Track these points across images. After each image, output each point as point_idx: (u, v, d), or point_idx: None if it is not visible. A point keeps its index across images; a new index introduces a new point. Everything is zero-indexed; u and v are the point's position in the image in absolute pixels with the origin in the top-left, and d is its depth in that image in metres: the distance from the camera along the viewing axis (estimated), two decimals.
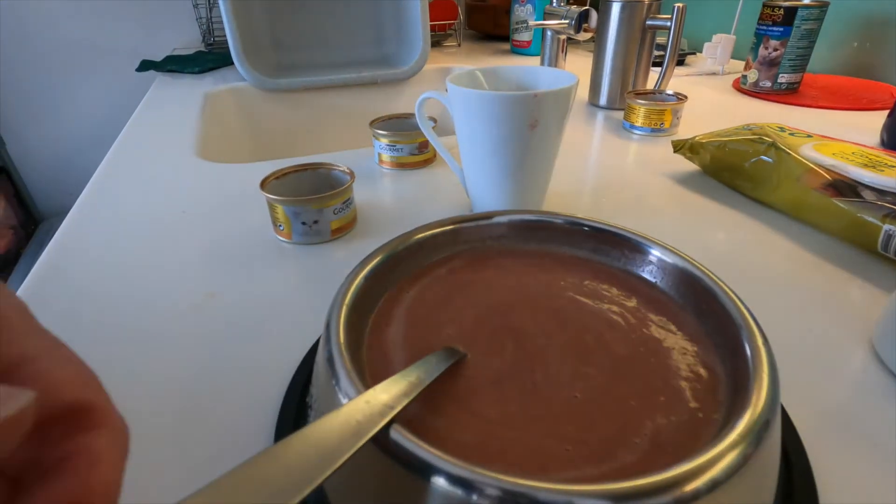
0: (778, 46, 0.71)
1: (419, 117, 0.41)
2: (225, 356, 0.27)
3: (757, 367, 0.18)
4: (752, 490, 0.16)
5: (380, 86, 0.83)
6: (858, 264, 0.34)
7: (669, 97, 0.60)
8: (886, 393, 0.24)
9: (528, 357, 0.21)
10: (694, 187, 0.46)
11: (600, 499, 0.13)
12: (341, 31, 0.82)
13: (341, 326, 0.20)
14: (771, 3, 0.70)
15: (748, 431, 0.15)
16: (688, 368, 0.20)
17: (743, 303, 0.21)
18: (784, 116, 0.65)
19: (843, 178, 0.37)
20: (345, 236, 0.39)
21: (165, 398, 0.25)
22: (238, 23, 0.70)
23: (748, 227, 0.40)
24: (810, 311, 0.30)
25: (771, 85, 0.73)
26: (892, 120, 0.53)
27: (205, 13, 1.00)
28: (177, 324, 0.30)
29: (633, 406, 0.18)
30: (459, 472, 0.14)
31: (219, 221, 0.41)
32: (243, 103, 0.80)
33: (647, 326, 0.22)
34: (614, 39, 0.66)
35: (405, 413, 0.16)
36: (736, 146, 0.44)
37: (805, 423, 0.23)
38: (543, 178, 0.40)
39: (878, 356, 0.26)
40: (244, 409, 0.24)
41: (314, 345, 0.28)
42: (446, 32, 1.11)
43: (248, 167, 0.51)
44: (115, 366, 0.27)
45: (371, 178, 0.49)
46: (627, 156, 0.55)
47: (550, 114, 0.35)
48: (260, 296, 0.32)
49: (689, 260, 0.24)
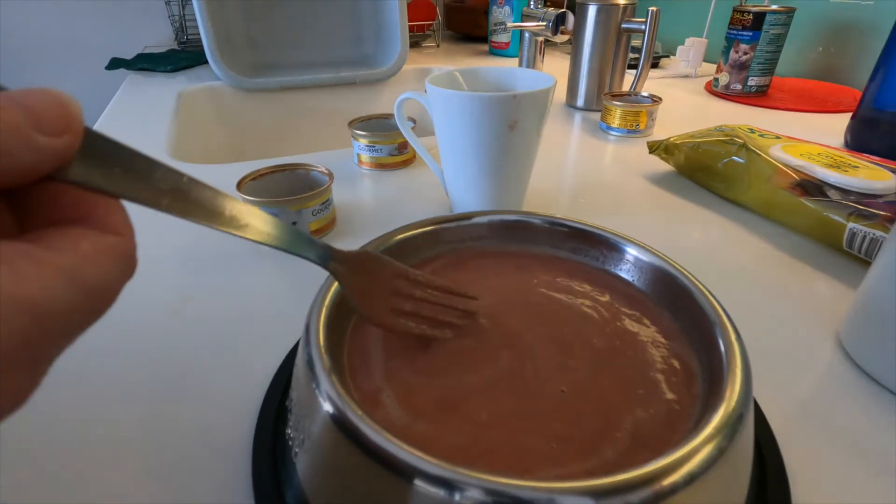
0: (748, 50, 0.73)
1: (398, 118, 0.41)
2: (202, 361, 0.27)
3: (730, 362, 0.18)
4: (728, 481, 0.16)
5: (358, 86, 0.83)
6: (825, 261, 0.35)
7: (644, 99, 0.61)
8: (853, 385, 0.25)
9: (519, 356, 0.21)
10: (669, 187, 0.47)
11: (582, 496, 0.14)
12: (319, 30, 0.82)
13: (321, 329, 0.19)
14: (741, 8, 0.72)
15: (723, 425, 0.16)
16: (664, 363, 0.21)
17: (717, 300, 0.21)
18: (754, 118, 0.67)
19: (810, 178, 0.38)
20: (324, 238, 0.39)
21: (141, 404, 0.24)
22: (212, 21, 0.68)
23: (721, 226, 0.41)
24: (780, 307, 0.31)
25: (741, 87, 0.75)
26: (855, 122, 0.55)
27: (177, 10, 0.98)
28: (153, 329, 0.29)
29: (614, 399, 0.19)
30: (441, 474, 0.14)
31: (196, 225, 0.40)
32: (218, 103, 0.78)
33: (624, 323, 0.23)
34: (591, 42, 0.67)
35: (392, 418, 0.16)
36: (709, 147, 0.45)
37: (776, 416, 0.23)
38: (523, 178, 0.40)
39: (844, 350, 0.27)
40: (222, 414, 0.24)
41: (293, 348, 0.27)
42: (425, 33, 1.11)
43: (223, 168, 0.50)
44: (90, 372, 0.26)
45: (350, 179, 0.49)
46: (604, 156, 0.55)
47: (529, 115, 0.35)
48: (238, 299, 0.32)
49: (665, 259, 0.24)
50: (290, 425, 0.20)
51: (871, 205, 0.34)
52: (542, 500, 0.13)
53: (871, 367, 0.26)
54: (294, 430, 0.19)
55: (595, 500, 0.13)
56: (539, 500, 0.13)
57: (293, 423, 0.19)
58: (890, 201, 0.34)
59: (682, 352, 0.21)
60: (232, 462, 0.21)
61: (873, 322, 0.25)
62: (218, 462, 0.21)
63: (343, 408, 0.16)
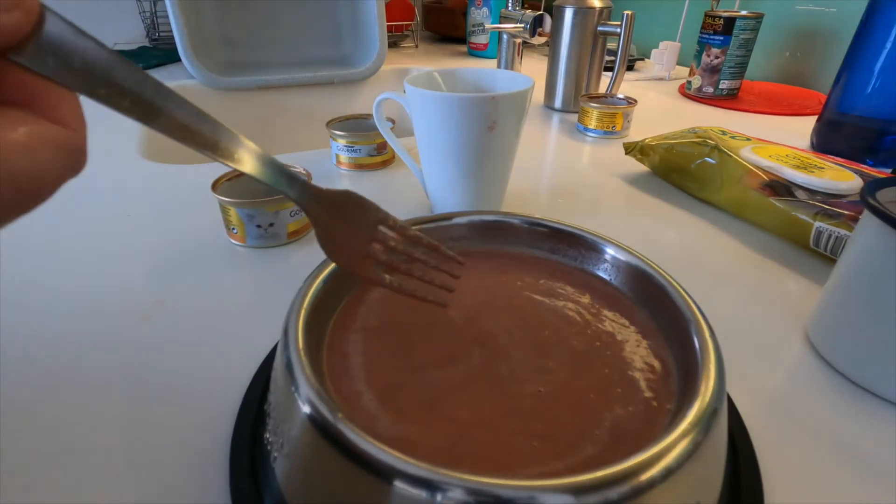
0: (719, 54, 0.75)
1: (377, 118, 0.41)
2: (177, 365, 0.26)
3: (705, 359, 0.19)
4: (703, 474, 0.17)
5: (336, 86, 0.82)
6: (794, 259, 0.37)
7: (620, 101, 0.62)
8: (820, 379, 0.26)
9: (492, 355, 0.21)
10: (645, 188, 0.48)
11: (562, 493, 0.14)
12: (295, 29, 0.81)
13: (300, 331, 0.19)
14: (712, 14, 0.74)
15: (698, 420, 0.16)
16: (641, 360, 0.21)
17: (691, 297, 0.22)
18: (725, 120, 0.68)
19: (779, 179, 0.39)
20: (302, 239, 0.38)
21: (114, 410, 0.23)
22: (185, 17, 0.67)
23: (695, 225, 0.42)
24: (751, 303, 0.32)
25: (713, 90, 0.77)
26: (820, 125, 0.57)
27: (149, 7, 0.96)
28: (125, 334, 0.28)
29: (592, 398, 0.19)
30: (422, 474, 0.14)
31: (167, 225, 0.39)
32: (193, 102, 0.76)
33: (601, 321, 0.23)
34: (568, 44, 0.68)
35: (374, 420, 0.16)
36: (682, 149, 0.46)
37: (749, 410, 0.24)
38: (502, 178, 0.40)
39: (811, 344, 0.28)
40: (199, 418, 0.23)
41: (272, 351, 0.27)
42: (403, 33, 1.11)
43: (198, 168, 0.49)
44: (61, 378, 0.25)
45: (329, 180, 0.49)
46: (582, 157, 0.56)
47: (508, 116, 0.35)
48: (213, 302, 0.31)
49: (641, 258, 0.25)
50: (269, 429, 0.19)
51: (836, 204, 0.35)
52: (522, 498, 0.14)
53: (836, 361, 0.27)
54: (273, 435, 0.19)
55: (575, 497, 0.14)
56: (520, 498, 0.14)
57: (272, 427, 0.19)
58: (854, 201, 0.35)
59: (658, 349, 0.22)
60: (209, 468, 0.21)
61: (838, 318, 0.26)
62: (194, 468, 0.21)
63: (323, 411, 0.16)
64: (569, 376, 0.20)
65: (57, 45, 0.12)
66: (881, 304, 0.24)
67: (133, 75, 0.13)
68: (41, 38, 0.11)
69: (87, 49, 0.12)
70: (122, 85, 0.13)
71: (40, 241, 0.37)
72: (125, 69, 0.13)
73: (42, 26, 0.11)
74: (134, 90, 0.13)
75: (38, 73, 0.12)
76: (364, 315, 0.23)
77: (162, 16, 0.96)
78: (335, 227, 0.19)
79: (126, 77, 0.13)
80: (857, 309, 0.25)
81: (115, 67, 0.12)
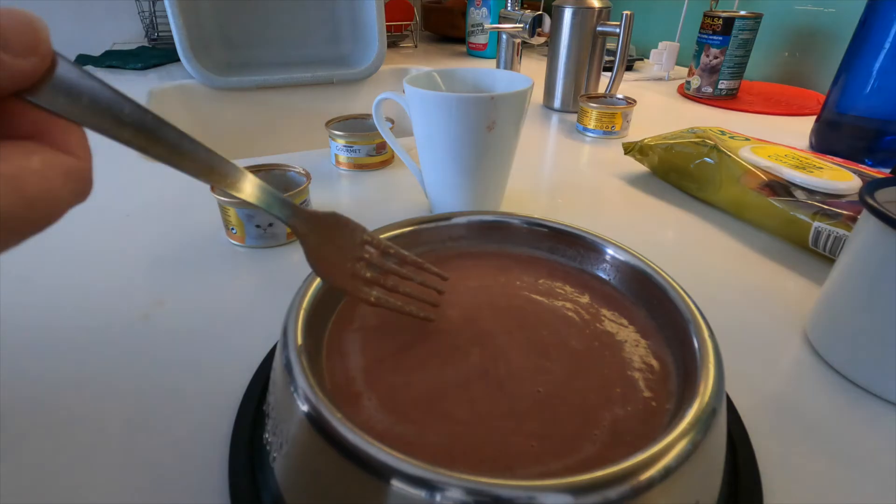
0: (718, 55, 0.75)
1: (376, 118, 0.41)
2: (176, 366, 0.26)
3: (704, 359, 0.19)
4: (702, 474, 0.17)
5: (335, 86, 0.82)
6: (792, 259, 0.37)
7: (620, 101, 0.62)
8: (819, 378, 0.26)
9: (491, 355, 0.21)
10: (644, 188, 0.48)
11: (561, 492, 0.14)
12: (295, 29, 0.81)
13: (299, 331, 0.19)
14: (711, 14, 0.74)
15: (697, 420, 0.16)
16: (640, 360, 0.21)
17: (690, 297, 0.22)
18: (724, 120, 0.68)
19: (778, 179, 0.39)
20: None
21: (114, 411, 0.23)
22: (184, 17, 0.67)
23: (694, 225, 0.42)
24: (750, 303, 0.32)
25: (712, 91, 0.77)
26: (819, 125, 0.57)
27: (147, 6, 0.95)
28: (124, 334, 0.28)
29: (591, 398, 0.19)
30: (421, 474, 0.14)
31: (166, 225, 0.39)
32: (191, 102, 0.76)
33: (600, 321, 0.23)
34: (567, 44, 0.68)
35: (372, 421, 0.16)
36: (681, 149, 0.46)
37: (748, 410, 0.24)
38: (501, 178, 0.40)
39: (810, 344, 0.28)
40: (198, 419, 0.23)
41: (271, 351, 0.27)
42: (402, 33, 1.11)
43: None
44: (60, 378, 0.25)
45: (328, 180, 0.49)
46: (581, 157, 0.56)
47: (507, 116, 0.35)
48: (212, 302, 0.31)
49: (640, 258, 0.25)
50: (268, 430, 0.19)
51: (834, 204, 0.35)
52: (521, 498, 0.14)
53: (835, 361, 0.27)
54: (272, 435, 0.19)
55: (574, 497, 0.14)
56: (519, 498, 0.14)
57: (271, 427, 0.19)
58: (852, 201, 0.35)
59: (657, 349, 0.22)
60: (208, 468, 0.21)
61: (836, 317, 0.26)
62: (193, 468, 0.21)
63: (322, 410, 0.16)
64: (568, 376, 0.20)
65: (67, 85, 0.13)
66: (880, 304, 0.24)
67: (134, 111, 0.14)
68: (54, 80, 0.13)
69: (93, 89, 0.14)
70: (123, 119, 0.14)
71: (40, 241, 0.37)
72: (126, 105, 0.14)
73: (54, 70, 0.13)
74: (134, 124, 0.14)
75: (49, 111, 0.13)
76: (363, 315, 0.23)
77: (161, 15, 0.96)
78: (323, 247, 0.20)
79: (127, 112, 0.14)
80: (856, 309, 0.25)
81: (116, 104, 0.14)
